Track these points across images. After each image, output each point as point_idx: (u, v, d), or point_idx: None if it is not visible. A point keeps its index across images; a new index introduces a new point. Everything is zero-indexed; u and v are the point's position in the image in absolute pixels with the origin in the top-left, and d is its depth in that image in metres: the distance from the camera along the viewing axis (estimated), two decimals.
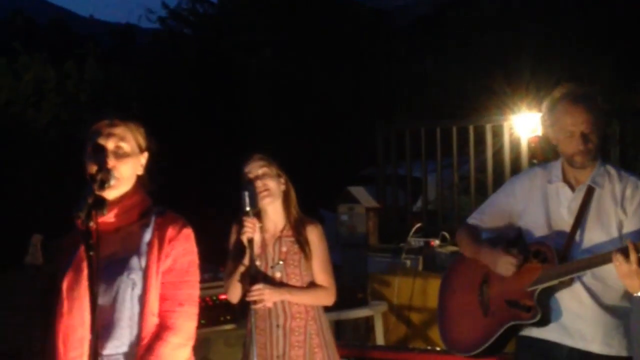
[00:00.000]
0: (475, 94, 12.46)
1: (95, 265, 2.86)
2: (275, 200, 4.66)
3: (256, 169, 4.64)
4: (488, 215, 4.35)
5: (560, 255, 3.90)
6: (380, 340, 7.25)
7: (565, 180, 4.04)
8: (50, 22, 30.09)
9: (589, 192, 3.95)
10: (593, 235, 3.92)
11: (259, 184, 4.60)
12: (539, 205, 4.07)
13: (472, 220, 4.40)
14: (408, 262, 7.91)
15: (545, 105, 4.05)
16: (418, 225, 8.39)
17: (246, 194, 4.49)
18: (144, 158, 3.31)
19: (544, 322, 3.96)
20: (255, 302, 4.51)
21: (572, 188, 4.01)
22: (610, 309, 3.96)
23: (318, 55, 16.99)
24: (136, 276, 3.15)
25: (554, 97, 4.01)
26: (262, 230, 4.70)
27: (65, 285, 3.12)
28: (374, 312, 7.24)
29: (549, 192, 4.07)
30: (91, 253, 2.85)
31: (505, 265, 4.04)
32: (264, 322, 4.65)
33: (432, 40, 16.05)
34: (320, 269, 4.66)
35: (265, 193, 4.60)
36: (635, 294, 3.83)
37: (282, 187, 4.68)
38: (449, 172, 9.25)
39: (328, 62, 16.94)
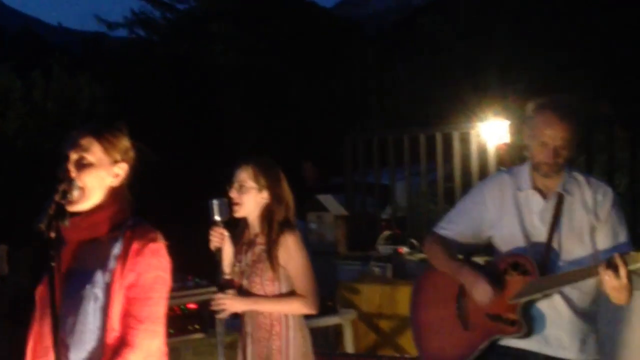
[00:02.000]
0: (444, 102, 12.51)
1: (56, 275, 2.84)
2: (250, 212, 4.62)
3: (236, 178, 4.60)
4: (458, 225, 4.27)
5: (540, 267, 3.89)
6: (349, 348, 7.24)
7: (535, 188, 4.03)
8: (19, 31, 29.92)
9: (560, 200, 3.96)
10: (569, 245, 3.93)
11: (232, 194, 4.57)
12: (512, 214, 4.04)
13: (442, 230, 4.31)
14: (377, 270, 7.91)
15: (532, 105, 4.01)
16: (387, 232, 8.41)
17: (215, 202, 4.46)
18: (119, 169, 3.25)
19: (528, 335, 3.94)
20: (216, 311, 4.51)
21: (543, 195, 4.01)
22: (585, 315, 3.98)
23: (288, 64, 17.00)
24: (99, 290, 3.11)
25: (543, 102, 3.97)
26: (245, 235, 4.68)
27: (38, 293, 3.13)
28: (343, 320, 7.24)
29: (519, 199, 4.05)
30: (52, 264, 2.83)
31: (482, 293, 3.97)
32: (242, 329, 4.65)
33: (402, 48, 16.10)
34: (297, 277, 4.58)
35: (235, 207, 4.58)
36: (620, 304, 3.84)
37: (264, 202, 4.60)
38: (417, 179, 9.27)
39: (298, 71, 16.95)
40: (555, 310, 3.94)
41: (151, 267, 3.18)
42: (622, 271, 3.59)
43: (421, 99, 13.82)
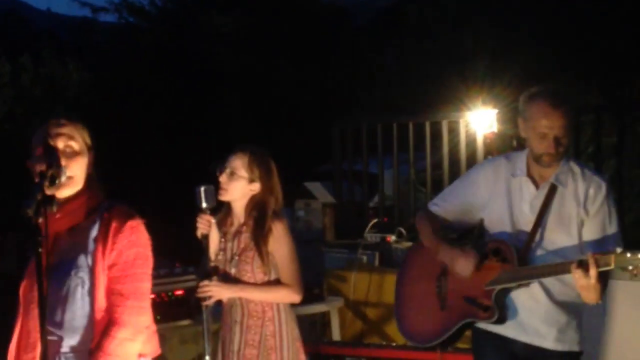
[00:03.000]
0: (432, 90, 12.51)
1: (42, 263, 2.84)
2: (236, 200, 4.63)
3: (228, 165, 4.60)
4: (450, 203, 4.31)
5: (520, 256, 3.90)
6: (336, 335, 7.25)
7: (529, 175, 4.03)
8: (6, 15, 29.77)
9: (552, 191, 3.96)
10: (554, 236, 3.94)
11: (222, 178, 4.58)
12: (503, 198, 4.06)
13: (434, 207, 4.36)
14: (364, 258, 7.91)
15: (523, 97, 4.01)
16: (375, 220, 8.41)
17: (201, 189, 4.47)
18: (91, 157, 3.29)
19: (500, 321, 3.97)
20: (203, 298, 4.51)
21: (536, 184, 4.01)
22: (564, 306, 3.99)
23: (276, 51, 16.96)
24: (84, 274, 3.15)
25: (533, 93, 3.97)
26: (228, 224, 4.69)
27: (21, 289, 3.14)
28: (330, 307, 7.24)
29: (512, 185, 4.06)
30: (40, 250, 2.83)
31: (463, 266, 4.02)
32: (227, 318, 4.67)
33: (391, 35, 16.07)
34: (281, 267, 4.61)
35: (221, 192, 4.59)
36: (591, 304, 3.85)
37: (250, 192, 4.61)
38: (405, 168, 9.27)
39: (287, 58, 16.92)
40: (533, 300, 3.96)
41: (131, 244, 3.21)
42: (592, 271, 3.60)
43: (410, 88, 13.80)
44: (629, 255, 3.56)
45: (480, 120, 8.48)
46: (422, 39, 14.48)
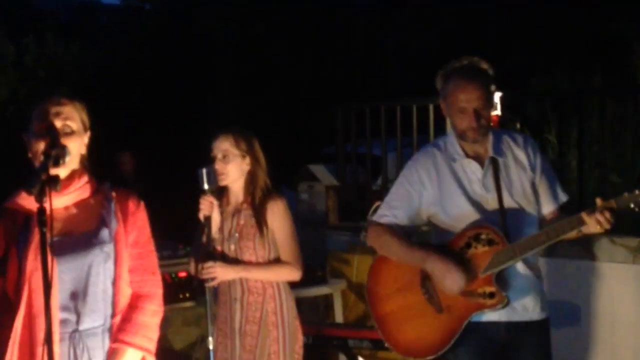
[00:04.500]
0: (436, 73, 12.49)
1: (47, 242, 2.84)
2: (235, 181, 4.67)
3: (218, 150, 4.65)
4: (398, 209, 4.15)
5: (505, 235, 3.88)
6: (339, 318, 7.27)
7: (468, 156, 3.99)
8: None
9: (495, 164, 3.95)
10: (517, 205, 3.93)
11: (217, 166, 4.61)
12: (454, 187, 3.99)
13: (385, 218, 4.18)
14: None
15: (439, 77, 4.02)
16: (378, 203, 8.40)
17: (203, 171, 4.49)
18: (87, 137, 3.30)
19: (509, 303, 3.91)
20: (206, 280, 4.53)
21: (479, 162, 3.98)
22: (539, 274, 4.04)
23: (279, 33, 16.92)
24: (108, 248, 3.18)
25: (447, 70, 3.99)
26: (224, 204, 4.71)
27: (28, 267, 3.08)
28: (333, 290, 7.26)
29: (456, 171, 4.00)
30: (44, 230, 2.84)
31: (454, 281, 3.88)
32: (224, 296, 4.69)
33: (393, 17, 16.03)
34: (282, 245, 4.66)
35: (221, 177, 4.62)
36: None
37: (247, 168, 4.66)
38: (409, 150, 9.25)
39: (289, 39, 16.88)
40: (521, 276, 3.95)
41: (146, 223, 3.34)
42: (607, 215, 3.69)
43: (413, 70, 13.78)
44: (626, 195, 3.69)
45: None
46: (424, 19, 14.45)
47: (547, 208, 4.03)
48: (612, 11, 12.51)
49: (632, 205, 3.66)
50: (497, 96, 8.31)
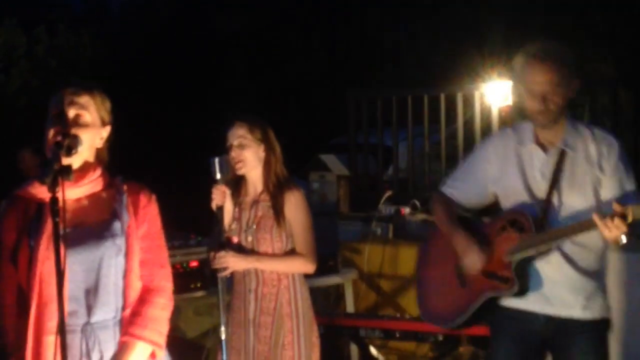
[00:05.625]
0: (447, 62, 12.45)
1: (59, 232, 2.85)
2: (253, 169, 4.65)
3: (233, 137, 4.63)
4: (462, 181, 4.25)
5: (537, 224, 3.86)
6: (350, 307, 7.28)
7: (538, 143, 3.97)
8: None
9: (562, 156, 3.89)
10: (570, 201, 3.87)
11: (233, 154, 4.60)
12: (515, 169, 4.00)
13: (447, 188, 4.30)
14: (379, 230, 7.91)
15: (515, 59, 3.95)
16: (389, 193, 8.40)
17: (216, 161, 4.48)
18: (105, 132, 3.29)
19: (522, 292, 3.92)
20: (219, 269, 4.53)
21: (545, 150, 3.95)
22: (589, 273, 3.93)
23: (291, 21, 16.90)
24: (120, 241, 3.18)
25: (524, 52, 3.91)
26: (243, 194, 4.71)
27: (39, 257, 3.08)
28: (345, 279, 7.26)
29: (522, 155, 4.00)
30: (57, 219, 2.84)
31: (472, 261, 4.02)
32: (240, 286, 4.69)
33: (406, 6, 15.98)
34: (297, 236, 4.64)
35: (239, 165, 4.61)
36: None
37: (262, 155, 4.66)
38: (420, 140, 9.25)
39: (301, 29, 16.85)
40: (556, 270, 3.90)
41: (157, 216, 3.34)
42: (617, 221, 3.52)
43: (425, 59, 13.74)
44: None
45: (495, 92, 8.45)
46: (437, 9, 14.40)
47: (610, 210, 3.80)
48: None
49: None
50: (509, 85, 8.30)
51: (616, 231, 3.55)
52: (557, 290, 3.92)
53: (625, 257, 5.53)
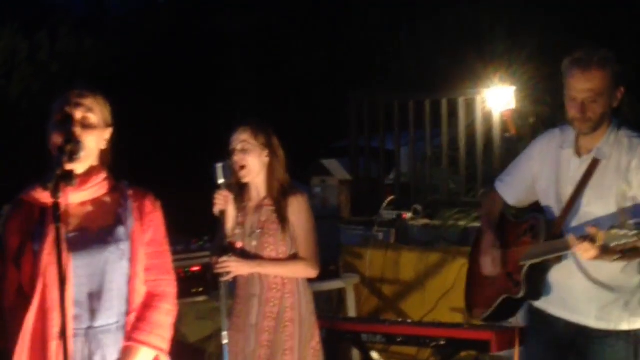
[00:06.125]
0: (449, 67, 12.43)
1: (60, 238, 2.85)
2: (256, 174, 4.65)
3: (237, 142, 4.62)
4: (512, 176, 4.29)
5: (552, 229, 3.88)
6: (352, 312, 7.28)
7: (576, 147, 3.93)
8: None
9: (594, 164, 3.85)
10: (591, 208, 3.83)
11: (236, 158, 4.60)
12: (550, 170, 4.01)
13: (499, 182, 4.34)
14: (380, 235, 7.92)
15: (563, 63, 3.90)
16: (390, 198, 8.41)
17: (218, 166, 4.48)
18: (108, 133, 3.29)
19: (532, 297, 3.98)
20: (221, 274, 4.53)
21: (580, 156, 3.92)
22: (605, 284, 3.87)
23: (291, 24, 16.90)
24: (124, 246, 3.18)
25: (569, 57, 3.87)
26: (246, 199, 4.70)
27: (43, 262, 3.08)
28: (346, 284, 7.26)
29: (561, 158, 3.98)
30: (58, 225, 2.84)
31: (487, 263, 4.15)
32: (243, 291, 4.69)
33: (406, 10, 15.96)
34: (301, 241, 4.65)
35: (243, 173, 4.61)
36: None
37: (266, 160, 4.65)
38: (421, 145, 9.25)
39: (301, 31, 16.85)
40: (570, 277, 3.90)
41: (162, 222, 3.34)
42: (586, 245, 3.53)
43: (426, 64, 13.71)
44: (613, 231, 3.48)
45: (497, 97, 8.44)
46: (438, 13, 14.38)
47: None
48: None
49: (613, 244, 3.47)
50: (511, 90, 8.30)
51: (586, 254, 3.56)
52: (572, 297, 3.93)
53: None
